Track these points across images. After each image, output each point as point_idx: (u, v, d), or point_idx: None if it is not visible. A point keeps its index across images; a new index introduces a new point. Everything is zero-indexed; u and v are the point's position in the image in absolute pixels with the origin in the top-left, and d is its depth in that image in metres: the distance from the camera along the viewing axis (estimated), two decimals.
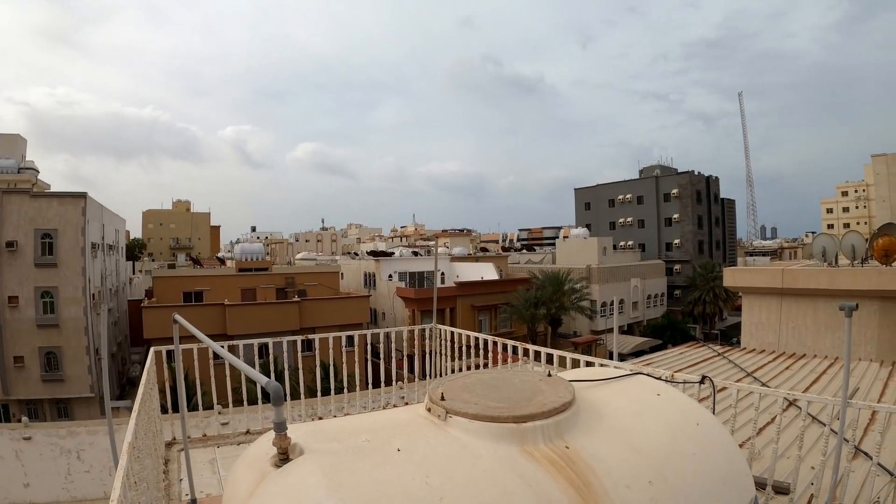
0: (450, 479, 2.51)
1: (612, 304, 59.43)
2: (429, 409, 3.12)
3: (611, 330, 62.34)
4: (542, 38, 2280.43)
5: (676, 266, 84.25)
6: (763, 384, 12.17)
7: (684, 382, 6.00)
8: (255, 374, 2.89)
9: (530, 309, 54.05)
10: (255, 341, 9.50)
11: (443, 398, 3.08)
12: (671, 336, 59.77)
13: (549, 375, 3.64)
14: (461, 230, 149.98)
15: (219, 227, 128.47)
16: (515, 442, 2.78)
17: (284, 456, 2.58)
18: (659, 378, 4.35)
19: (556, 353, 8.47)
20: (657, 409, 3.63)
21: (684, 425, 3.49)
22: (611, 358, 8.56)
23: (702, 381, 5.89)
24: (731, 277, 22.03)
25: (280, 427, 2.54)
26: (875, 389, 12.15)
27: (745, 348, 18.56)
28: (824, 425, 6.02)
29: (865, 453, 7.37)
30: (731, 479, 3.34)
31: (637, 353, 45.12)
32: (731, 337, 60.20)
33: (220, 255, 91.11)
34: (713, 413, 5.42)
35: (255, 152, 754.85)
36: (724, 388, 6.53)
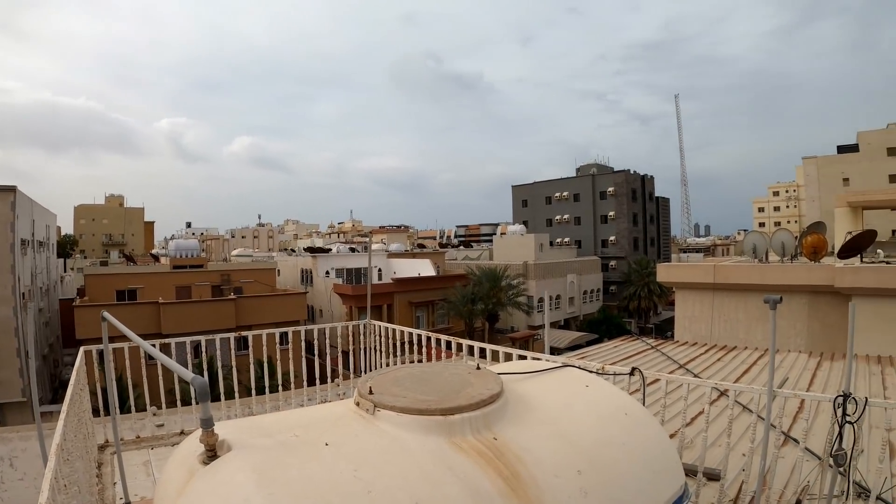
0: (378, 471, 2.51)
1: (547, 299, 59.99)
2: (357, 404, 3.11)
3: (550, 324, 62.85)
4: (482, 36, 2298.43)
5: (612, 262, 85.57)
6: (695, 375, 12.39)
7: (615, 374, 6.07)
8: (181, 369, 2.85)
9: (467, 305, 54.27)
10: (188, 339, 9.32)
11: (371, 392, 3.08)
12: (607, 330, 60.41)
13: (479, 369, 3.66)
14: (399, 227, 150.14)
15: (153, 222, 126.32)
16: (444, 434, 2.79)
17: (212, 453, 2.54)
18: (589, 370, 4.40)
19: (489, 347, 8.55)
20: (586, 400, 3.69)
21: (613, 415, 3.55)
22: (542, 352, 8.62)
23: (632, 373, 5.97)
24: (664, 273, 22.43)
25: (207, 423, 2.50)
26: (804, 379, 12.50)
27: (678, 341, 18.86)
28: (752, 413, 6.15)
29: (794, 439, 7.54)
30: (661, 466, 3.40)
31: (574, 347, 45.52)
32: (665, 331, 61.16)
33: (154, 251, 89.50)
34: (643, 403, 5.51)
35: (191, 145, 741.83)
36: (655, 381, 6.64)
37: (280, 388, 10.15)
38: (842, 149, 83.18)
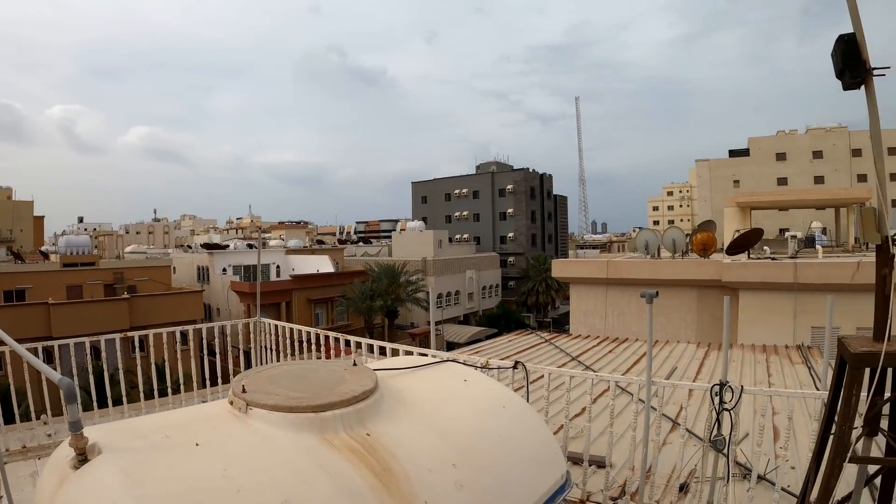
0: (248, 470, 2.49)
1: (433, 296, 60.26)
2: (231, 403, 3.07)
3: (449, 320, 63.36)
4: (387, 31, 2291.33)
5: (510, 258, 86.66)
6: (587, 367, 12.62)
7: (499, 368, 6.16)
8: (49, 371, 2.76)
9: (366, 301, 54.01)
10: (71, 341, 9.02)
11: (244, 390, 3.05)
12: (506, 325, 60.97)
13: (355, 365, 3.66)
14: (298, 222, 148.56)
15: (43, 217, 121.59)
16: (315, 431, 2.78)
17: (83, 457, 2.47)
18: (473, 365, 4.44)
19: (376, 343, 8.59)
20: (464, 394, 3.74)
21: (491, 409, 3.62)
22: (441, 348, 8.68)
23: (515, 367, 6.05)
24: (559, 269, 22.82)
25: (75, 426, 2.43)
26: (692, 368, 12.86)
27: (573, 334, 19.19)
28: (640, 402, 6.33)
29: (678, 423, 7.75)
30: (540, 456, 3.49)
31: (474, 342, 45.89)
32: (563, 324, 62.24)
33: (43, 248, 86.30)
34: (527, 396, 5.60)
35: (85, 135, 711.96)
36: (540, 377, 6.74)
37: (170, 391, 9.95)
38: (733, 153, 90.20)
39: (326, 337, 9.77)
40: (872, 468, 4.13)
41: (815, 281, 19.12)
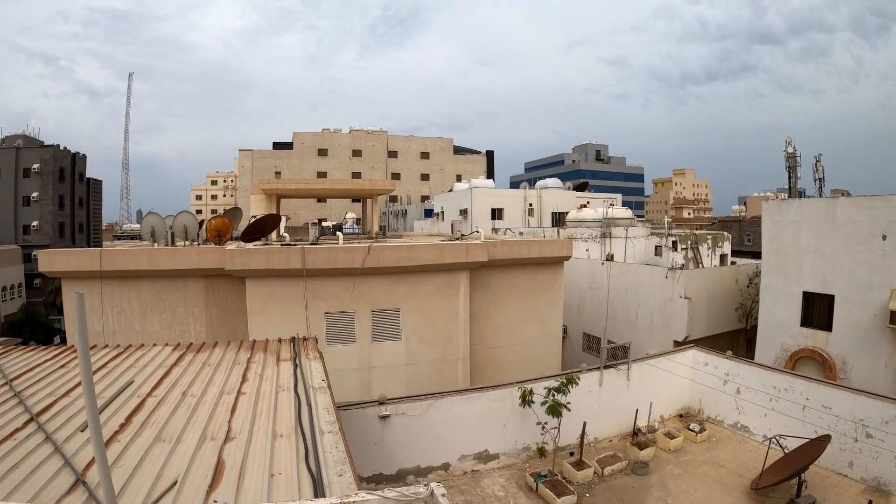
0: None
1: None
2: None
3: None
4: None
5: (35, 252, 78.10)
6: (16, 394, 9.34)
7: None
8: None
9: None
10: None
11: None
12: (32, 331, 55.09)
13: None
14: None
15: None
16: None
17: None
18: None
19: None
20: None
21: None
22: None
23: None
24: (48, 261, 19.59)
25: None
26: (154, 378, 10.26)
27: (65, 346, 16.12)
28: None
29: None
30: None
31: None
32: None
33: None
34: None
35: None
36: None
37: None
38: (278, 145, 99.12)
39: None
40: None
41: (326, 266, 18.71)
